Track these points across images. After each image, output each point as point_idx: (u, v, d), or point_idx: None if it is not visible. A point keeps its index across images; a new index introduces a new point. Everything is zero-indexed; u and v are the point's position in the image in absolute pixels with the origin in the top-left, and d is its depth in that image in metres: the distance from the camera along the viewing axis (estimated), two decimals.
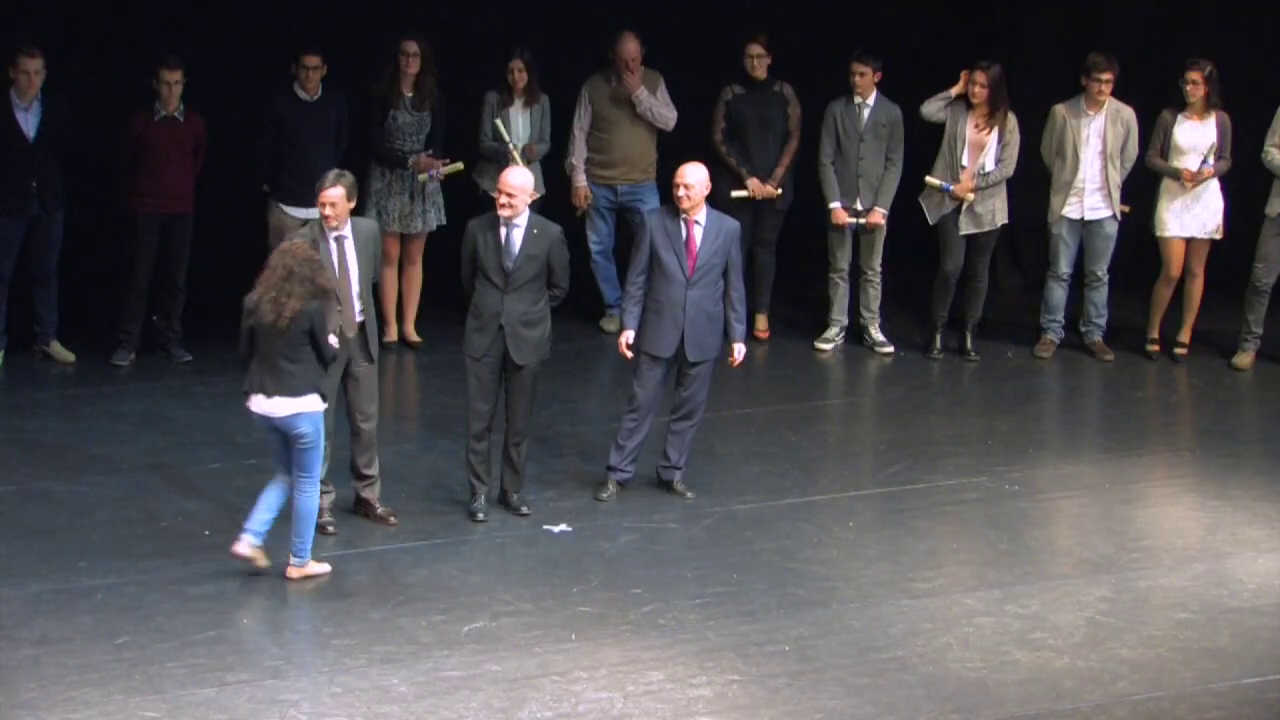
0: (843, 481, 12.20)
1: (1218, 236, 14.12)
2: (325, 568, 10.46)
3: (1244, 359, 14.17)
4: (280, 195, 13.73)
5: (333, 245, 10.80)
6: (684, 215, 11.44)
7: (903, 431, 13.04)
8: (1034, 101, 14.50)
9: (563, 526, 11.25)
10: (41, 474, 11.80)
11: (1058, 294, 14.37)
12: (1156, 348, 14.40)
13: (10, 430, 12.50)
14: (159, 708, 9.04)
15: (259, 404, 10.27)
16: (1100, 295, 14.37)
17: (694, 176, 11.43)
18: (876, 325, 14.50)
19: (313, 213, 12.26)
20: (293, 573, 10.38)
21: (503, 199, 11.04)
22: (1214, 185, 14.04)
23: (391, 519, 11.18)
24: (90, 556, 10.71)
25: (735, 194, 14.02)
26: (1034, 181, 14.41)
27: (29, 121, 13.17)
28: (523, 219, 11.10)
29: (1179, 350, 14.37)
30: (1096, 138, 13.96)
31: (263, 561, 10.35)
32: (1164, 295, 14.31)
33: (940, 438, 12.88)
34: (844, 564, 10.86)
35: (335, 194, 10.68)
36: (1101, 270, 14.29)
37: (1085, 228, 14.17)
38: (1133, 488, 12.21)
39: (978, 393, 13.90)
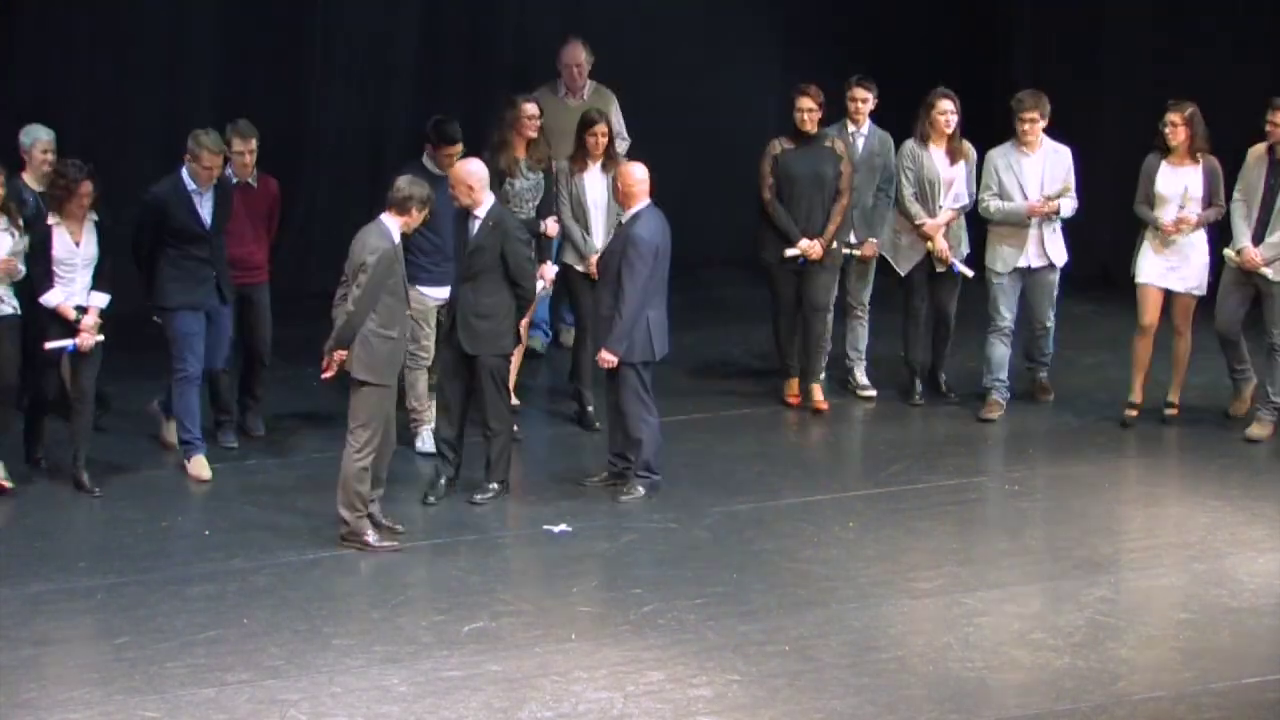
0: (843, 481, 12.21)
1: (1199, 293, 12.82)
2: None
3: (1240, 404, 13.19)
4: (413, 275, 11.75)
5: (399, 253, 10.97)
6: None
7: (903, 432, 13.05)
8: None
9: (563, 526, 11.26)
10: (41, 474, 11.79)
11: (1000, 350, 13.14)
12: (1134, 413, 13.03)
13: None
14: (159, 708, 9.04)
15: None
16: (1045, 343, 13.34)
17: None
18: (862, 368, 13.62)
19: (445, 294, 11.93)
20: None
21: (461, 189, 11.30)
22: (1197, 237, 12.76)
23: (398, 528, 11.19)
24: (90, 556, 10.72)
25: (788, 253, 12.99)
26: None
27: (206, 208, 11.92)
28: (482, 210, 11.33)
29: (1169, 411, 13.06)
30: (1034, 180, 12.96)
31: None
32: (1141, 350, 12.94)
33: (940, 438, 12.88)
34: (844, 564, 10.86)
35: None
36: (1049, 319, 13.23)
37: (1027, 277, 13.10)
38: (1133, 488, 12.22)
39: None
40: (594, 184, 12.73)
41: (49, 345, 11.32)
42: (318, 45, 15.63)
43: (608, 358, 11.55)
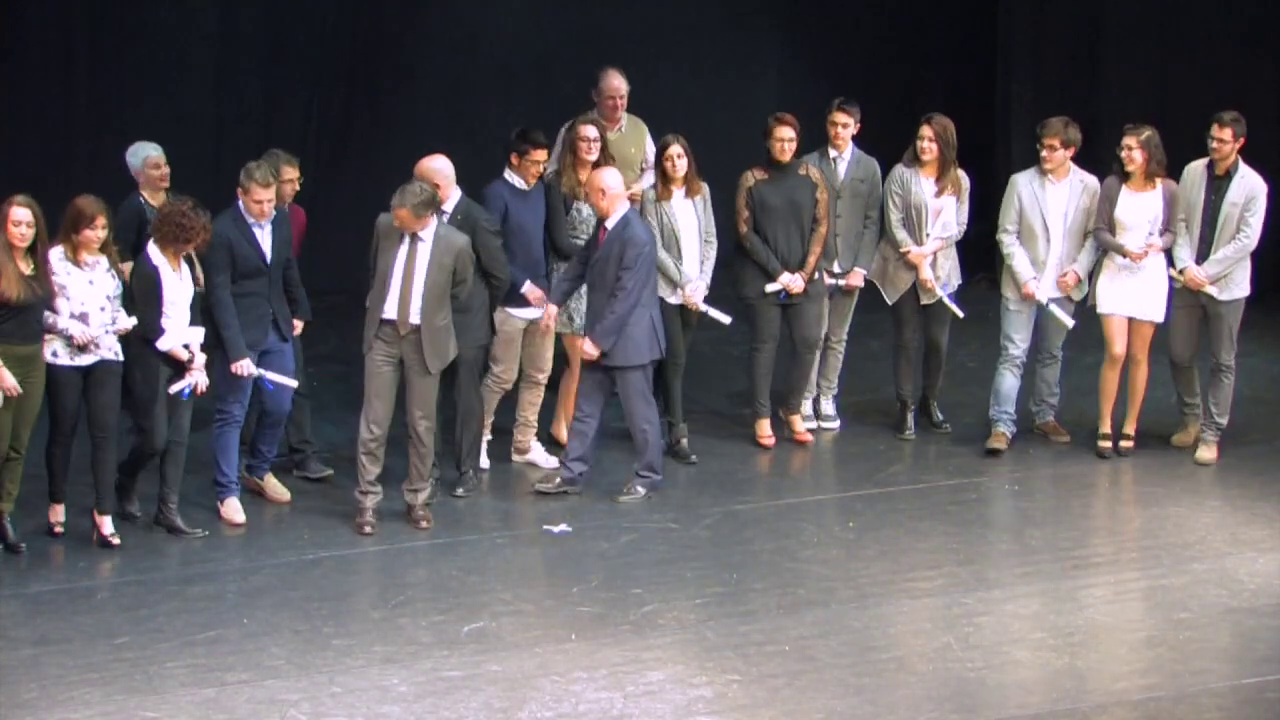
0: (843, 481, 12.21)
1: (1157, 320, 12.44)
2: None
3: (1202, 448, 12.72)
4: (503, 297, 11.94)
5: (405, 241, 10.98)
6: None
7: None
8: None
9: (563, 526, 11.27)
10: (41, 474, 11.78)
11: (1009, 381, 12.63)
12: (1108, 444, 12.58)
13: None
14: (159, 708, 9.04)
15: None
16: (1053, 373, 12.79)
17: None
18: (831, 396, 13.04)
19: (533, 313, 11.90)
20: None
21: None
22: (1156, 263, 12.38)
23: (424, 523, 11.19)
24: (90, 556, 10.72)
25: (768, 288, 12.40)
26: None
27: (266, 241, 11.35)
28: (449, 205, 11.44)
29: (1124, 444, 12.59)
30: (1058, 211, 12.46)
31: None
32: (1109, 380, 12.56)
33: (940, 438, 12.88)
34: (844, 564, 10.86)
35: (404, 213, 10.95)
36: (1057, 349, 12.72)
37: (1043, 307, 12.56)
38: (1132, 488, 12.22)
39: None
40: (682, 210, 12.28)
41: (173, 389, 10.88)
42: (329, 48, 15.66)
43: (590, 351, 11.53)
